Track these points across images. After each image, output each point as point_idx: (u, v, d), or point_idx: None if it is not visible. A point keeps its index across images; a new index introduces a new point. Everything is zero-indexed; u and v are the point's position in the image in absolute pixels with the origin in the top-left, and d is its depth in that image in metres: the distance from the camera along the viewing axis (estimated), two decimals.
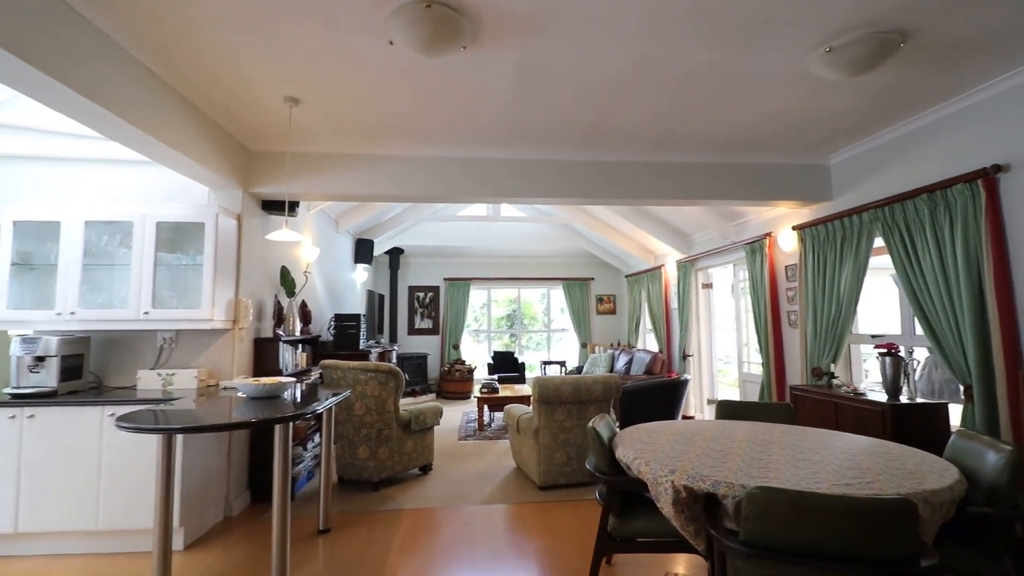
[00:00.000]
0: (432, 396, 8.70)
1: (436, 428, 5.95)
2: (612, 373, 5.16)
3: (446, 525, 3.32)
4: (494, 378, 7.91)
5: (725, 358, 7.03)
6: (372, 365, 3.90)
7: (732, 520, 1.76)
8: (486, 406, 6.33)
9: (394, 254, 9.15)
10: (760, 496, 1.48)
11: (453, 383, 8.60)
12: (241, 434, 3.67)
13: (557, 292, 10.25)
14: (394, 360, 7.20)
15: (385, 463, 3.95)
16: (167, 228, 3.48)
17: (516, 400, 6.05)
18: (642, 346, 8.71)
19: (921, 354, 3.92)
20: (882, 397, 3.32)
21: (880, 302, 5.36)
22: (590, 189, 4.17)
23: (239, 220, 3.73)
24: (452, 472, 4.43)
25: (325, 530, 3.21)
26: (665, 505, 1.91)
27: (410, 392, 8.42)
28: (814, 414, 3.71)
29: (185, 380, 3.45)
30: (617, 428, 2.67)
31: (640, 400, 4.64)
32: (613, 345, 9.48)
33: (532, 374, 9.54)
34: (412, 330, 9.63)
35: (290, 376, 3.95)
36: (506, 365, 8.89)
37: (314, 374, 4.53)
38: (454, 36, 2.22)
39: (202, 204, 3.56)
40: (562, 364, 9.36)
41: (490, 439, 5.67)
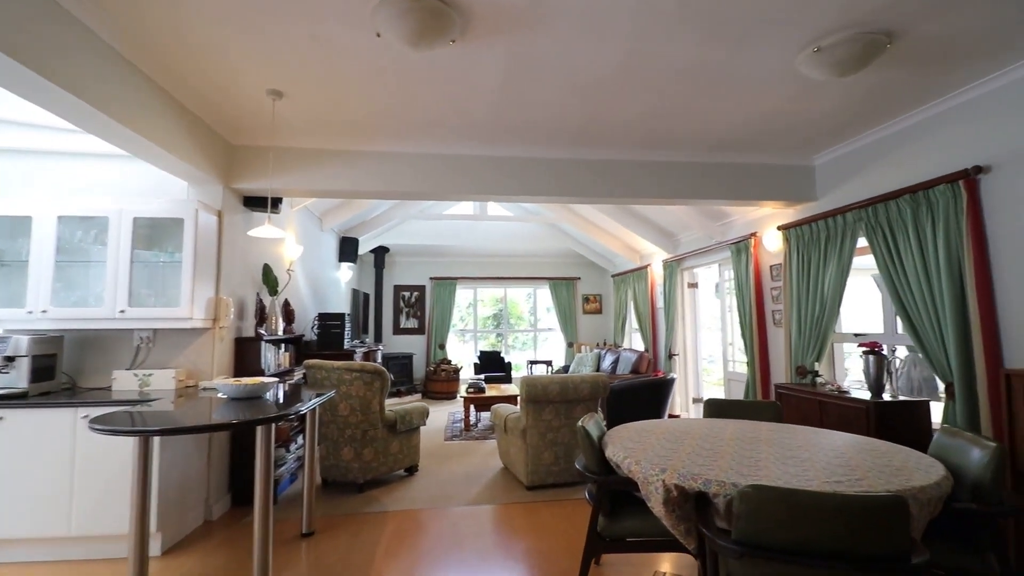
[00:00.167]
0: (418, 396, 8.63)
1: (422, 429, 5.90)
2: (599, 372, 5.17)
3: (432, 527, 3.27)
4: (480, 378, 7.88)
5: (709, 357, 7.09)
6: (357, 365, 3.83)
7: (723, 519, 1.75)
8: (472, 406, 6.29)
9: (379, 253, 9.05)
10: (753, 494, 1.47)
11: (439, 383, 8.54)
12: (221, 436, 3.57)
13: (543, 292, 10.25)
14: (379, 360, 7.12)
15: (370, 464, 3.89)
16: (144, 224, 3.37)
17: (502, 400, 6.02)
18: (628, 345, 8.74)
19: (901, 352, 3.98)
20: (865, 395, 3.35)
21: (861, 302, 5.45)
22: (579, 187, 4.15)
23: (220, 216, 3.64)
24: (438, 473, 4.38)
25: (308, 533, 3.14)
26: (656, 504, 1.90)
27: (395, 392, 8.33)
28: (799, 412, 3.75)
29: (163, 381, 3.35)
30: (605, 427, 2.66)
31: (627, 399, 4.64)
32: (599, 344, 9.50)
33: (518, 374, 9.52)
34: (397, 330, 9.53)
35: (272, 376, 3.87)
36: (492, 365, 8.85)
37: (297, 374, 4.45)
38: (443, 29, 2.18)
39: (181, 199, 3.46)
40: (548, 364, 9.35)
41: (477, 439, 5.63)
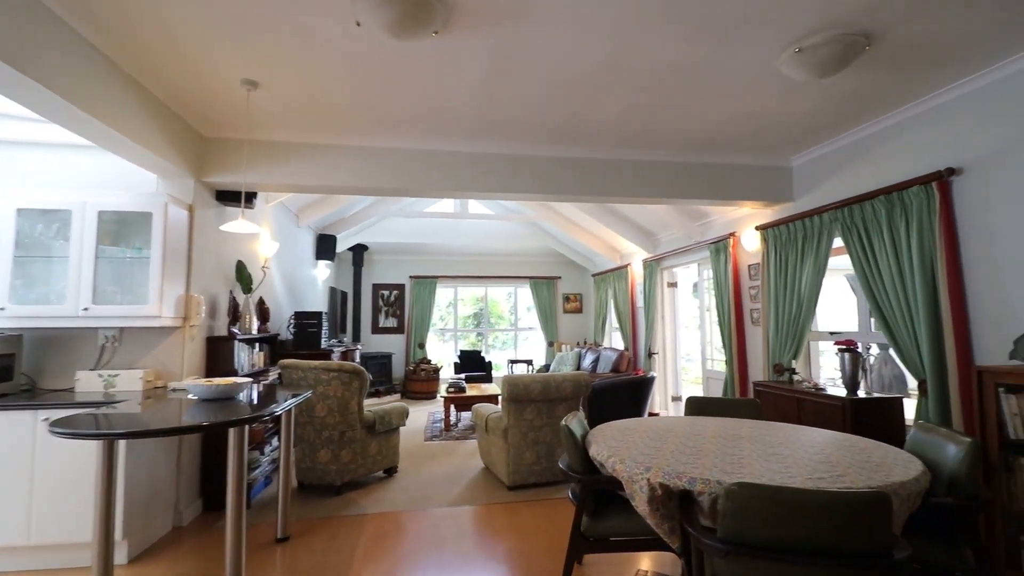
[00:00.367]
0: (397, 396, 8.52)
1: (402, 429, 5.82)
2: (580, 371, 5.16)
3: (412, 528, 3.21)
4: (461, 377, 7.82)
5: (688, 355, 7.16)
6: (335, 364, 3.75)
7: (707, 517, 1.74)
8: (453, 406, 6.23)
9: (358, 251, 8.90)
10: (738, 492, 1.46)
11: (419, 383, 8.44)
12: (192, 439, 3.45)
13: (524, 291, 10.23)
14: (357, 359, 6.99)
15: (348, 466, 3.80)
16: (110, 218, 3.23)
17: (483, 399, 5.98)
18: (608, 344, 8.78)
19: (873, 350, 4.07)
20: (841, 392, 3.41)
21: (835, 301, 5.57)
22: (561, 185, 4.13)
23: (191, 211, 3.51)
24: (418, 474, 4.32)
25: (283, 538, 3.04)
26: (640, 503, 1.88)
27: (374, 393, 8.21)
28: (777, 409, 3.79)
29: (130, 381, 3.21)
30: (587, 426, 2.64)
31: (608, 398, 4.64)
32: (580, 343, 9.53)
33: (499, 373, 9.48)
34: (376, 329, 9.40)
35: (246, 377, 3.75)
36: (473, 364, 8.80)
37: (272, 375, 4.33)
38: (426, 19, 2.13)
39: (150, 193, 3.32)
40: (529, 363, 9.34)
41: (457, 439, 5.57)
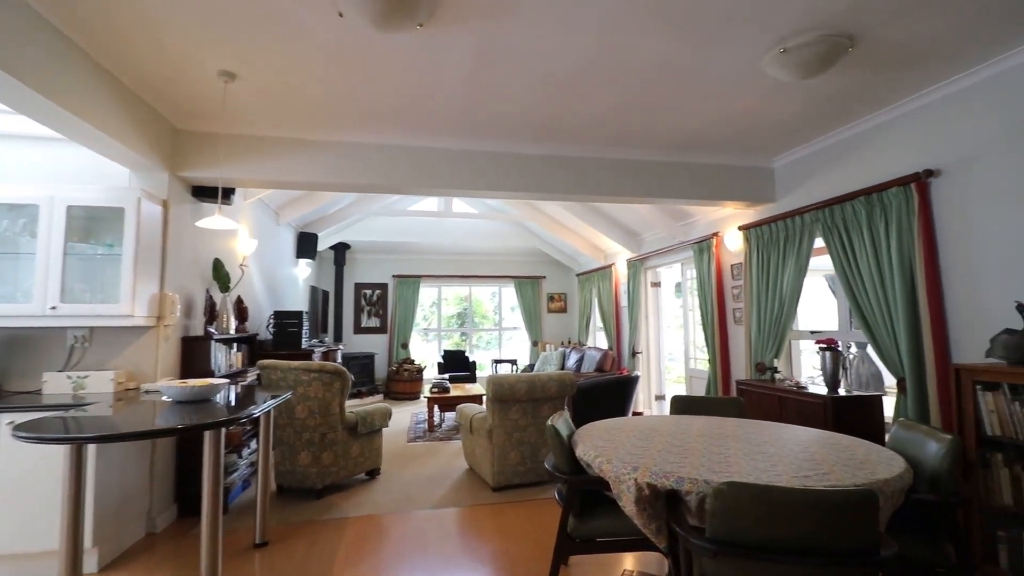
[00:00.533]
0: (380, 397, 8.41)
1: (384, 430, 5.73)
2: (564, 371, 5.15)
3: (395, 531, 3.16)
4: (445, 377, 7.76)
5: (671, 355, 7.21)
6: (316, 365, 3.67)
7: (694, 516, 1.73)
8: (436, 406, 6.17)
9: (340, 249, 8.77)
10: (727, 492, 1.45)
11: (402, 383, 8.35)
12: (166, 442, 3.34)
13: (509, 290, 10.20)
14: (339, 360, 6.88)
15: (329, 469, 3.72)
16: (80, 213, 3.11)
17: (467, 399, 5.93)
18: (592, 344, 8.80)
19: (852, 349, 4.14)
20: (822, 390, 3.45)
21: (814, 301, 5.66)
22: (545, 184, 4.11)
23: (165, 206, 3.39)
24: (401, 476, 4.26)
25: (262, 544, 2.96)
26: (627, 503, 1.86)
27: (356, 393, 8.09)
28: (759, 407, 3.83)
29: (100, 383, 3.10)
30: (573, 426, 2.61)
31: (592, 397, 4.63)
32: (564, 343, 9.53)
33: (483, 373, 9.43)
34: (358, 329, 9.27)
35: (223, 378, 3.65)
36: (457, 364, 8.73)
37: (251, 375, 4.22)
38: (410, 10, 2.08)
39: (122, 187, 3.20)
40: (513, 362, 9.31)
41: (441, 440, 5.52)
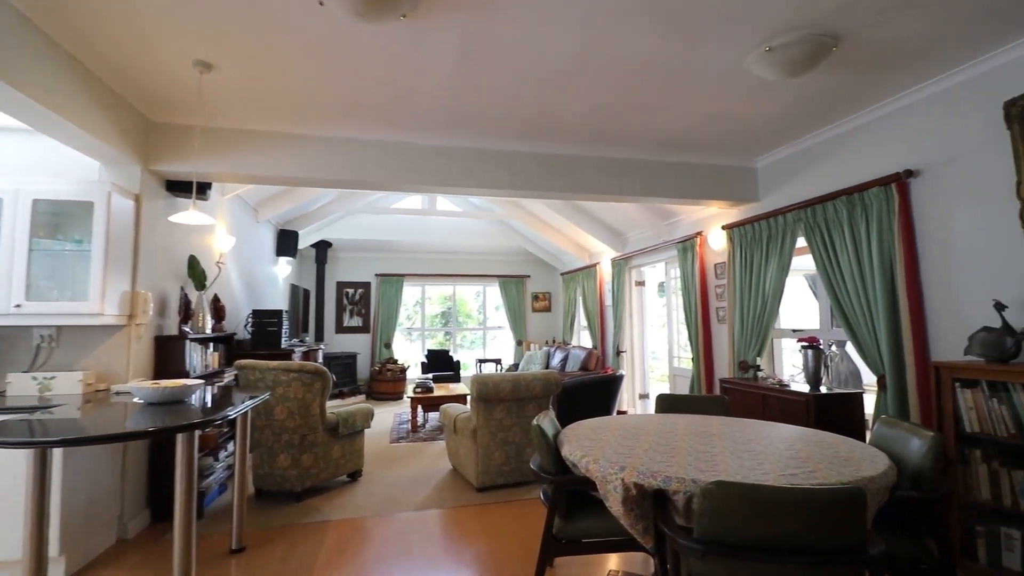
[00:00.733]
0: (362, 398, 8.29)
1: (367, 431, 5.65)
2: (549, 370, 5.12)
3: (377, 534, 3.09)
4: (428, 377, 7.67)
5: (654, 353, 7.24)
6: (295, 365, 3.58)
7: (682, 516, 1.71)
8: (420, 406, 6.10)
9: (321, 247, 8.62)
10: (715, 491, 1.43)
11: (385, 383, 8.24)
12: (138, 445, 3.22)
13: (493, 289, 10.15)
14: (320, 360, 6.76)
15: (309, 471, 3.64)
16: (47, 207, 2.98)
17: (451, 399, 5.87)
18: (577, 343, 8.80)
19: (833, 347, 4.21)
20: (804, 388, 3.48)
21: (794, 300, 5.73)
22: (530, 181, 4.08)
23: (137, 201, 3.27)
24: (384, 477, 4.18)
25: (239, 549, 2.87)
26: (614, 504, 1.83)
27: (338, 394, 7.96)
28: (743, 405, 3.85)
29: (68, 384, 2.97)
30: (559, 425, 2.58)
31: (577, 396, 4.61)
32: (548, 342, 9.52)
33: (467, 373, 9.37)
34: (340, 328, 9.13)
35: (198, 378, 3.54)
36: (441, 364, 8.66)
37: (228, 376, 4.11)
38: (394, 0, 2.02)
39: (92, 180, 3.09)
40: (497, 362, 9.27)
41: (424, 440, 5.45)
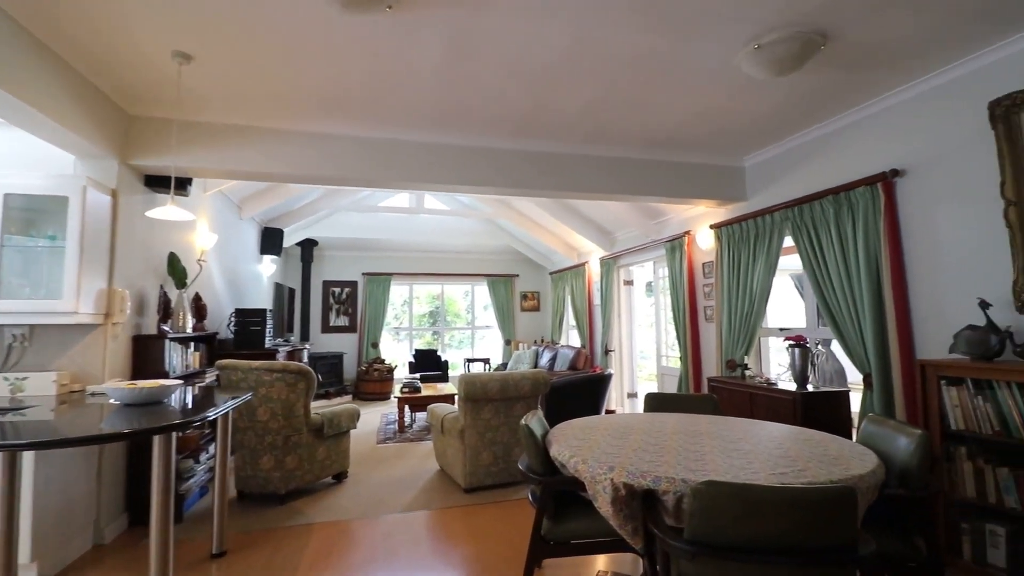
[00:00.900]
0: (348, 398, 8.20)
1: (352, 432, 5.55)
2: (537, 369, 5.09)
3: (363, 537, 3.04)
4: (416, 377, 7.60)
5: (643, 353, 7.25)
6: (279, 365, 3.51)
7: (671, 516, 1.69)
8: (407, 406, 6.04)
9: (307, 246, 8.50)
10: (706, 491, 1.40)
11: (372, 383, 8.16)
12: (116, 447, 3.13)
13: (481, 289, 10.10)
14: (305, 360, 6.66)
15: (294, 473, 3.57)
16: (19, 202, 2.88)
17: (439, 399, 5.81)
18: (565, 342, 8.79)
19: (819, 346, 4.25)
20: (791, 386, 3.50)
21: (780, 299, 5.78)
22: (519, 180, 4.04)
23: (114, 196, 3.18)
24: (370, 479, 4.12)
25: (219, 553, 2.80)
26: (603, 504, 1.81)
27: (324, 394, 7.86)
28: (731, 404, 3.85)
29: (41, 385, 2.87)
30: (547, 425, 2.56)
31: (566, 395, 4.59)
32: (537, 342, 9.50)
33: (455, 372, 9.32)
34: (326, 328, 9.02)
35: (178, 379, 3.45)
36: (428, 363, 8.60)
37: (210, 376, 4.02)
38: None
39: (67, 175, 2.99)
40: (486, 361, 9.22)
41: (412, 441, 5.39)
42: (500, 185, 4.02)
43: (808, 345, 3.56)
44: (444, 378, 8.36)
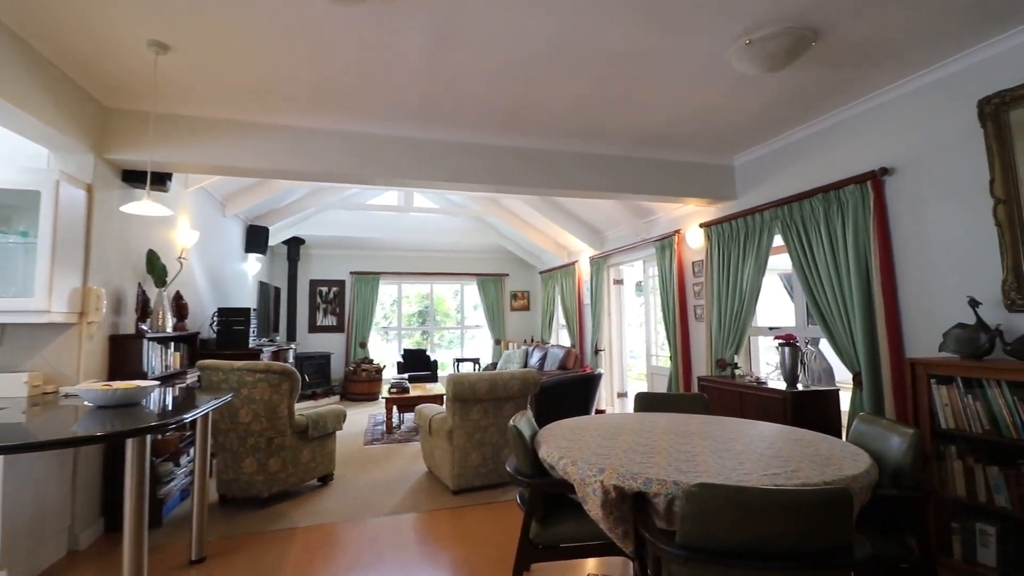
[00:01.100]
0: (336, 399, 8.09)
1: (339, 433, 5.47)
2: (527, 368, 5.05)
3: (349, 540, 2.97)
4: (404, 377, 7.54)
5: (632, 352, 7.24)
6: (262, 365, 3.42)
7: (663, 519, 1.65)
8: (395, 407, 5.96)
9: (293, 244, 8.38)
10: (699, 494, 1.36)
11: (359, 384, 8.05)
12: (91, 451, 3.03)
13: (471, 288, 10.04)
14: (291, 360, 6.55)
15: (277, 475, 3.49)
16: None
17: (428, 400, 5.75)
18: (555, 342, 8.76)
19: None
20: (781, 385, 3.48)
21: (769, 298, 5.79)
22: (509, 177, 3.99)
23: (89, 191, 3.08)
24: (356, 481, 4.05)
25: (199, 559, 2.71)
26: (593, 507, 1.76)
27: (311, 395, 7.73)
28: (721, 403, 3.84)
29: (12, 386, 2.76)
30: (536, 425, 2.51)
31: (556, 395, 4.55)
32: (527, 341, 9.45)
33: (445, 372, 9.24)
34: (314, 327, 8.90)
35: (157, 380, 3.35)
36: (417, 363, 8.51)
37: (191, 377, 3.92)
38: None
39: (39, 169, 2.88)
40: (475, 361, 9.16)
41: (400, 442, 5.32)
42: (488, 182, 3.97)
43: (798, 344, 3.55)
44: (433, 378, 8.29)
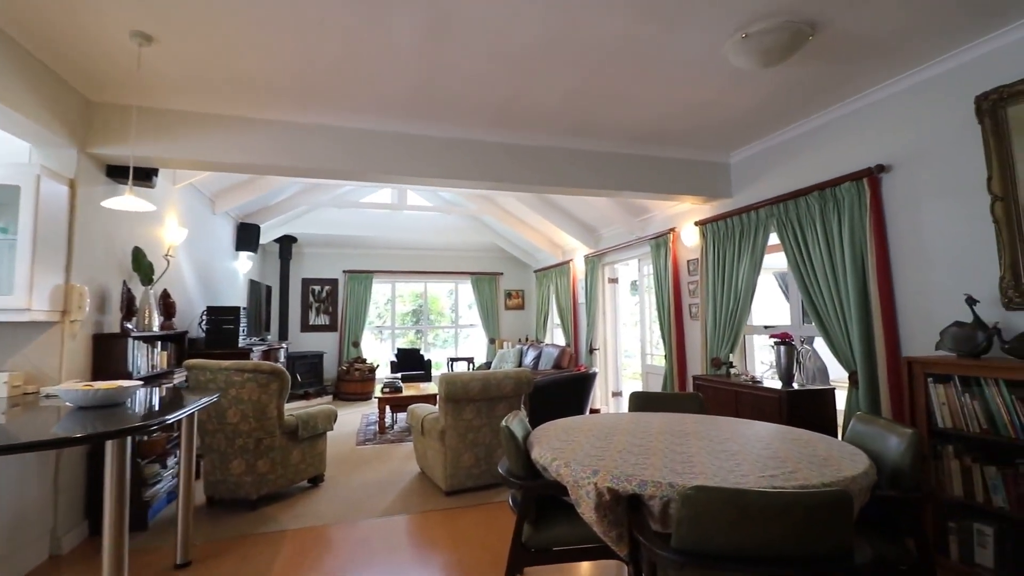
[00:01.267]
0: (328, 398, 8.01)
1: (330, 434, 5.43)
2: (521, 368, 5.01)
3: (339, 543, 2.92)
4: (397, 377, 7.47)
5: (627, 351, 7.21)
6: (250, 365, 3.36)
7: (657, 521, 1.61)
8: (388, 407, 5.90)
9: (285, 242, 8.29)
10: (695, 497, 1.32)
11: (352, 383, 7.98)
12: (73, 453, 2.96)
13: (465, 287, 9.98)
14: (282, 359, 6.47)
15: (266, 477, 3.43)
16: None
17: (421, 399, 5.69)
18: (550, 341, 8.72)
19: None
20: (776, 384, 3.45)
21: (763, 297, 5.77)
22: (502, 173, 3.94)
23: (72, 186, 3.00)
24: (348, 482, 3.99)
25: (184, 563, 2.65)
26: (586, 510, 1.72)
27: (303, 395, 7.66)
28: (716, 402, 3.81)
29: None
30: (529, 426, 2.46)
31: (550, 395, 4.51)
32: (521, 340, 9.41)
33: (439, 372, 9.19)
34: (306, 327, 8.81)
35: (141, 380, 3.28)
36: (411, 363, 8.45)
37: (179, 377, 3.85)
38: None
39: (19, 163, 2.81)
40: (470, 360, 9.11)
41: (392, 442, 5.26)
42: (480, 179, 3.91)
43: (794, 343, 3.52)
44: (427, 378, 8.22)
